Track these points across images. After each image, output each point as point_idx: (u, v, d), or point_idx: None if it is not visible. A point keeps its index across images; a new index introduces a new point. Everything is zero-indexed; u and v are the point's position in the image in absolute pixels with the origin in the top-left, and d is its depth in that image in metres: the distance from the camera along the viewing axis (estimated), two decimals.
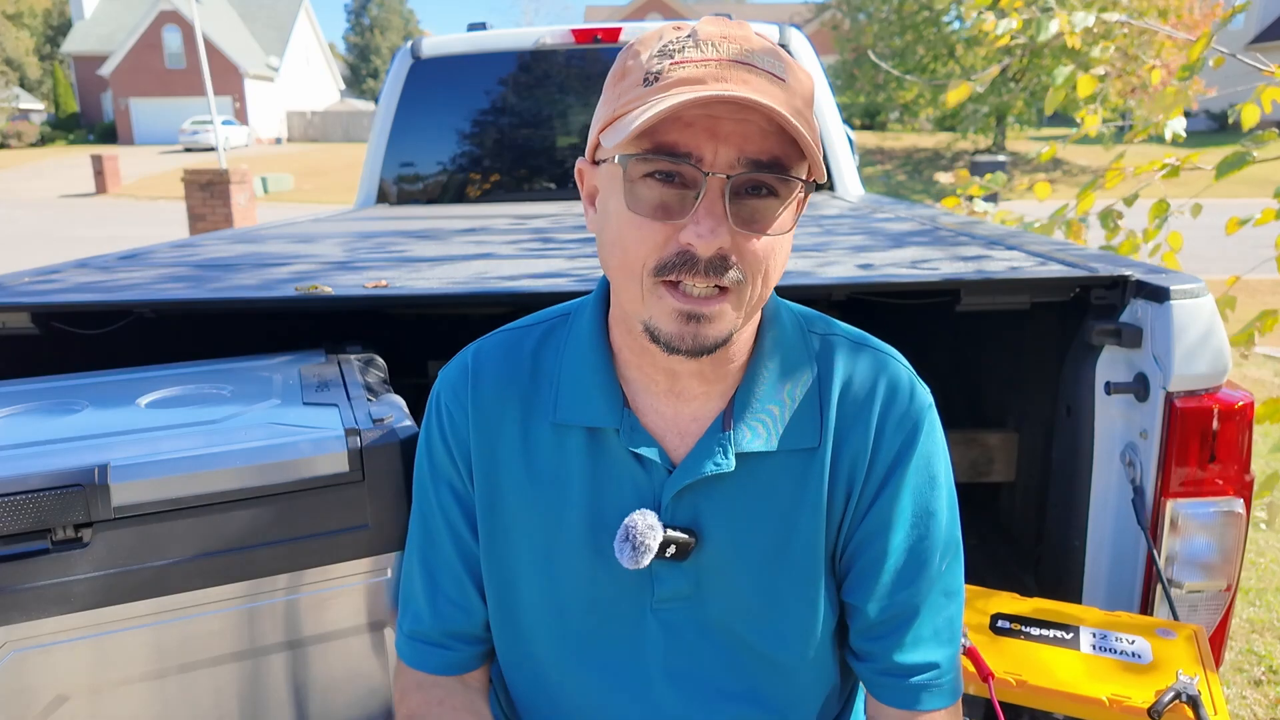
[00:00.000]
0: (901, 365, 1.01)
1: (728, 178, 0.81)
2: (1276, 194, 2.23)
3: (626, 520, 0.93)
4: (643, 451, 0.95)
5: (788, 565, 0.98)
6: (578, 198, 0.97)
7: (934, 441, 1.00)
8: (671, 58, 0.82)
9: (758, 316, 0.98)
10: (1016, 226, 3.02)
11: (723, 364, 0.95)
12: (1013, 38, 2.73)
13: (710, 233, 0.81)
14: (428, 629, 1.05)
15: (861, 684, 1.12)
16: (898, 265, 1.75)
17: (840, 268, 1.72)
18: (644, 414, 0.97)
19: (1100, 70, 2.73)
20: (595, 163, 0.92)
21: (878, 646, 1.00)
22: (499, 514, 1.01)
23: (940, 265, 1.74)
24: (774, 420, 0.96)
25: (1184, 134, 2.50)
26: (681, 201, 0.83)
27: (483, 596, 1.05)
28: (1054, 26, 2.50)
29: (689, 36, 0.84)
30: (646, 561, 0.93)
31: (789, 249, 0.91)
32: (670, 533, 0.94)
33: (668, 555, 0.94)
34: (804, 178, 0.86)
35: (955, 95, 2.94)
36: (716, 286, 0.84)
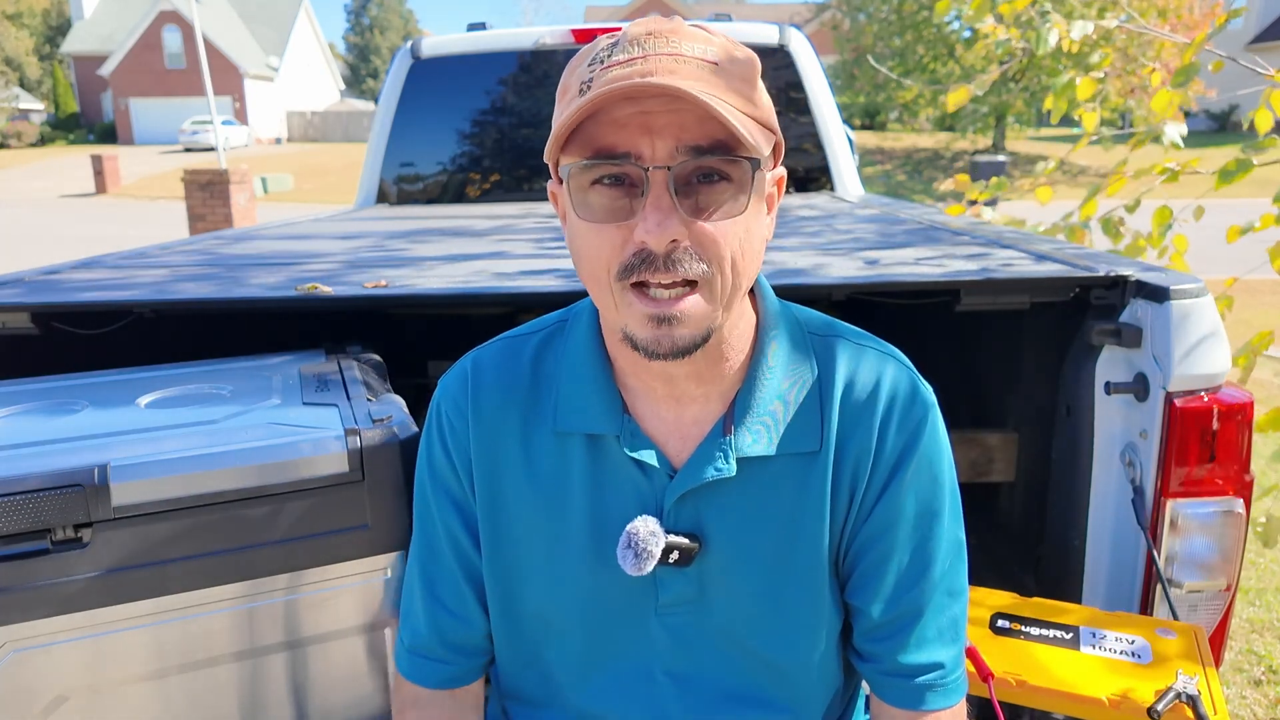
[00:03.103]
0: (903, 365, 1.01)
1: (668, 169, 0.81)
2: (1276, 199, 2.23)
3: (629, 527, 0.93)
4: (643, 457, 0.95)
5: (791, 569, 0.98)
6: None
7: (937, 441, 0.99)
8: (601, 64, 0.82)
9: (750, 317, 0.98)
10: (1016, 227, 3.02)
11: (718, 364, 0.95)
12: (1011, 45, 2.73)
13: (658, 226, 0.80)
14: (426, 642, 1.05)
15: (864, 685, 1.12)
16: (897, 265, 1.75)
17: (840, 268, 1.72)
18: (644, 419, 0.97)
19: (1099, 74, 2.72)
20: (560, 181, 0.91)
21: (882, 647, 1.00)
22: (501, 522, 1.01)
23: (940, 265, 1.74)
24: (775, 423, 0.95)
25: (1181, 143, 2.49)
26: (630, 201, 0.83)
27: (483, 608, 1.05)
28: (1053, 39, 2.49)
29: (615, 42, 0.84)
30: (649, 568, 0.92)
31: (759, 232, 0.89)
32: (672, 538, 0.93)
33: (671, 561, 0.94)
34: (755, 157, 0.83)
35: (954, 99, 2.93)
36: (684, 282, 0.83)
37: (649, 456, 0.95)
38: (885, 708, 1.01)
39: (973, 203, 3.24)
